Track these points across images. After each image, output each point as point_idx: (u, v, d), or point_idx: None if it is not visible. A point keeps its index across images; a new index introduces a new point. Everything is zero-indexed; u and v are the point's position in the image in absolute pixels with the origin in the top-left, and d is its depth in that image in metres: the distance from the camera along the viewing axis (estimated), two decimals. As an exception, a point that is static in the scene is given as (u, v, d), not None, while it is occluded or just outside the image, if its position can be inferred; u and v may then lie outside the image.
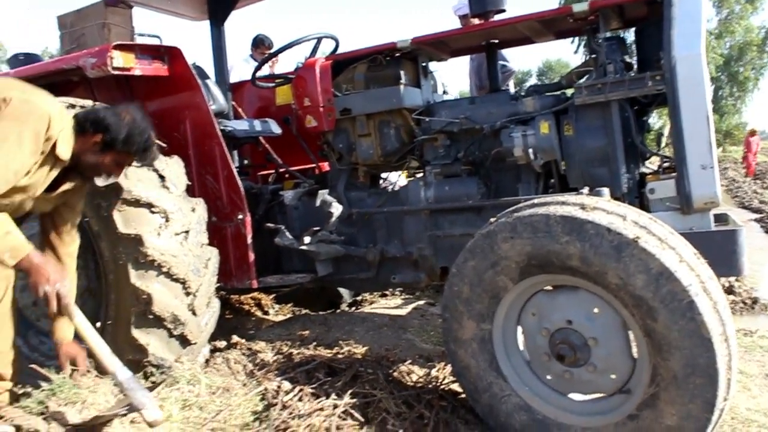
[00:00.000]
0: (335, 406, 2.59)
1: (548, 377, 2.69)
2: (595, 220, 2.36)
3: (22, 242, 2.51)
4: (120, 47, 3.34)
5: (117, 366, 2.54)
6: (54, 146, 2.56)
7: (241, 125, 4.12)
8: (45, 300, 2.51)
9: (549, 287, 2.66)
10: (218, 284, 3.50)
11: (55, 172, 2.66)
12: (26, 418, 2.40)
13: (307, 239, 3.60)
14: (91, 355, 2.64)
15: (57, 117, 2.55)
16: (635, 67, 3.23)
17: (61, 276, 2.56)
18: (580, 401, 2.68)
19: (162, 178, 3.21)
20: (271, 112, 4.65)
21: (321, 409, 2.54)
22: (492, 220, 2.65)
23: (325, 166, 4.28)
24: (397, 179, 4.16)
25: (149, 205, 3.10)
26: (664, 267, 2.23)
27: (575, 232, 2.39)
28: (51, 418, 2.44)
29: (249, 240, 3.64)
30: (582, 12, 3.06)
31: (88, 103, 3.32)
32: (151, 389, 2.70)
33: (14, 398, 2.84)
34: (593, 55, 3.16)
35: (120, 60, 3.34)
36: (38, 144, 2.49)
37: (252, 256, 3.64)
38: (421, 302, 4.98)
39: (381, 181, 3.91)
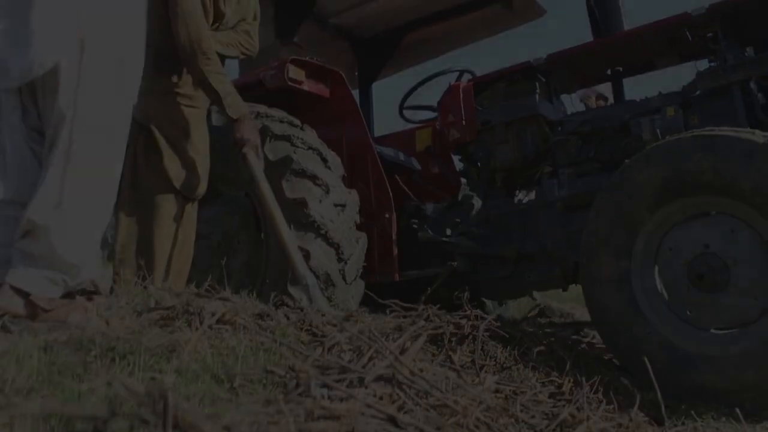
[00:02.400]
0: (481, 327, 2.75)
1: (688, 312, 2.74)
2: (724, 134, 2.58)
3: (243, 103, 3.02)
4: (294, 61, 3.94)
5: (307, 270, 2.91)
6: None
7: (388, 150, 4.58)
8: (240, 146, 2.99)
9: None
10: (362, 274, 3.78)
11: None
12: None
13: (448, 231, 3.88)
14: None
15: None
16: None
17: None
18: (722, 333, 2.69)
19: (325, 160, 3.65)
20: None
21: (467, 317, 2.73)
22: (627, 161, 2.89)
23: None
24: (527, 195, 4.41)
25: (314, 177, 3.50)
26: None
27: (707, 148, 2.59)
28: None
29: (394, 237, 3.95)
30: (700, 15, 3.34)
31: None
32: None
33: None
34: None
35: (294, 73, 3.92)
36: None
37: (396, 251, 3.94)
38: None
39: (516, 191, 4.17)
